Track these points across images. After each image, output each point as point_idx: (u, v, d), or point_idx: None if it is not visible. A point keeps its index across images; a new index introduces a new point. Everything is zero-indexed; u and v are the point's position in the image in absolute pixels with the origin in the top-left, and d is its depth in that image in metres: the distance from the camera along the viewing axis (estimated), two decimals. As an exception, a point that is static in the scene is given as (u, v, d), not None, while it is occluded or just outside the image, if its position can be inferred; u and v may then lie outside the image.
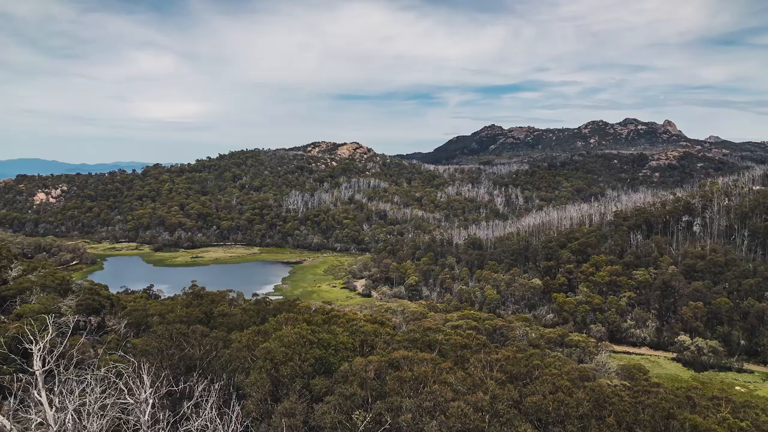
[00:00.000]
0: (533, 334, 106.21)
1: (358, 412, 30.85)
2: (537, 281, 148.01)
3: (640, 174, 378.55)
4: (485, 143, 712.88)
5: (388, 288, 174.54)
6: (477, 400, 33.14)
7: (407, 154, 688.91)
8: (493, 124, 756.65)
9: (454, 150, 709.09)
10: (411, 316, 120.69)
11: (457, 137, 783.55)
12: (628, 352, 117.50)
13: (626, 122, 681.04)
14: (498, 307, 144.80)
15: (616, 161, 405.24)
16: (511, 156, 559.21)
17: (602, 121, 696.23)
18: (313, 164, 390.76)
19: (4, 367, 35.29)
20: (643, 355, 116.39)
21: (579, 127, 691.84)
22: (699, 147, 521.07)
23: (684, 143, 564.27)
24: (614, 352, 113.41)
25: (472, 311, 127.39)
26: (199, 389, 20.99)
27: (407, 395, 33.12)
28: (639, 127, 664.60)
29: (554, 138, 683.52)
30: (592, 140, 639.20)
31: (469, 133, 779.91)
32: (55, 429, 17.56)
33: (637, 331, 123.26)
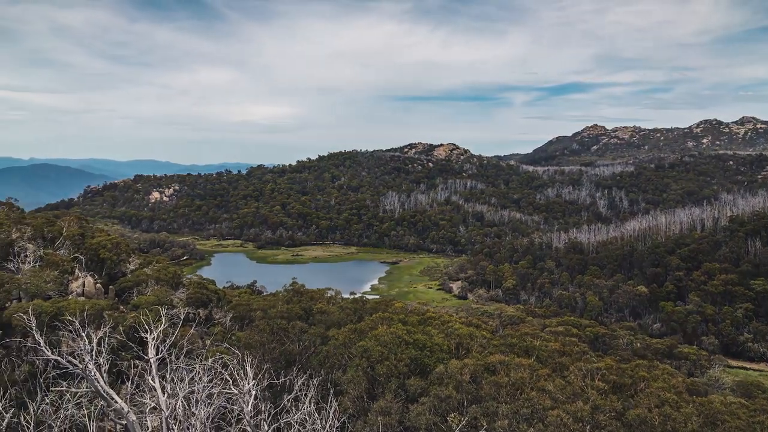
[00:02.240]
0: (638, 344, 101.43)
1: (453, 415, 30.56)
2: (642, 288, 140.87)
3: (760, 176, 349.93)
4: (587, 144, 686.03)
5: (485, 291, 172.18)
6: (577, 409, 31.88)
7: (504, 155, 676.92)
8: (596, 124, 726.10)
9: (554, 151, 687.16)
10: (508, 320, 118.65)
11: (557, 138, 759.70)
12: (745, 368, 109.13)
13: (743, 121, 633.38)
14: (600, 314, 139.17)
15: (731, 162, 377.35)
16: (615, 157, 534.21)
17: (716, 119, 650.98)
18: (409, 165, 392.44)
19: (123, 353, 37.84)
20: (762, 371, 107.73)
21: (690, 127, 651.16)
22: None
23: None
24: (729, 366, 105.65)
25: (572, 317, 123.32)
26: (299, 384, 21.50)
27: (503, 401, 32.44)
28: (758, 126, 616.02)
29: (662, 138, 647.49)
30: (704, 140, 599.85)
31: (569, 134, 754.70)
32: (167, 414, 18.61)
33: (756, 345, 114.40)
